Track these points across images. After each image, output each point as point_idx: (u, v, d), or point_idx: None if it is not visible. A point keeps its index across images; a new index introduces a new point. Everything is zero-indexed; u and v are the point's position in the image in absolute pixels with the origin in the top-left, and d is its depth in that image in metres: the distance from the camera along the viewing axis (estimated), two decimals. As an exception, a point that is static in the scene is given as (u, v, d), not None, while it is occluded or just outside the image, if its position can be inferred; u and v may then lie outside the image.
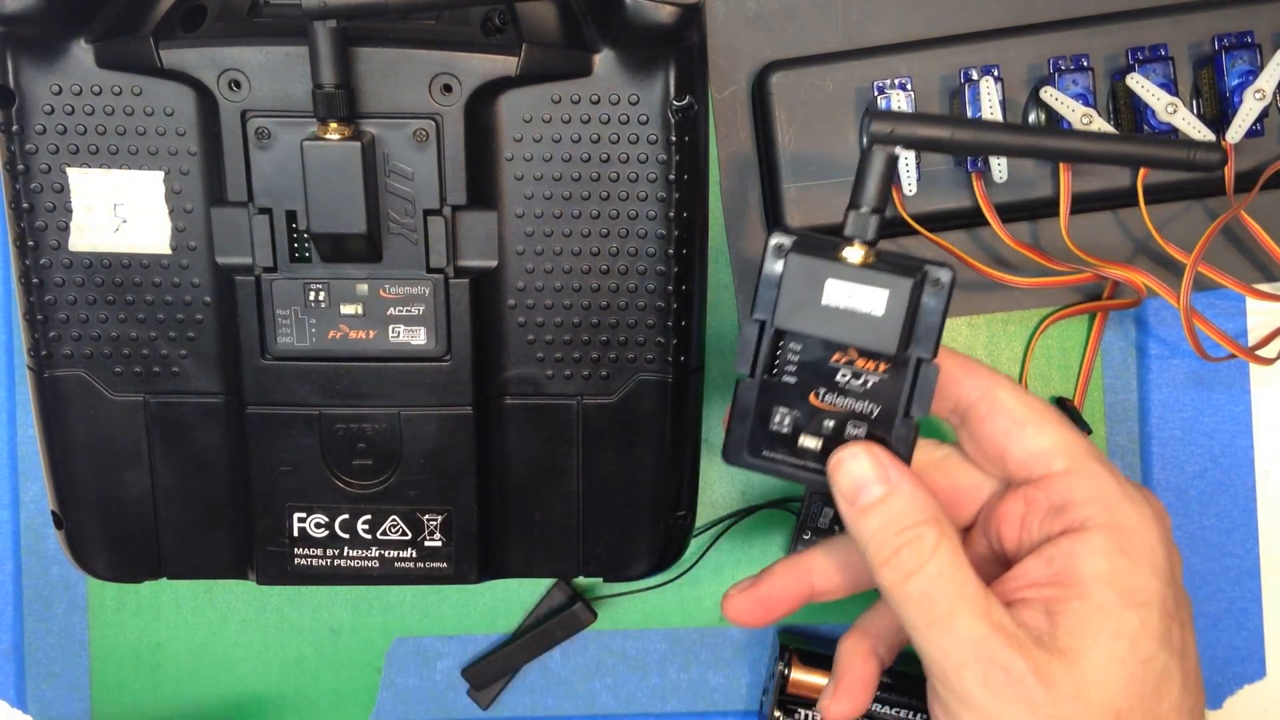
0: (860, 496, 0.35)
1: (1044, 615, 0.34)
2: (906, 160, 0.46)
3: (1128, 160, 0.36)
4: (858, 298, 0.34)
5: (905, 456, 0.36)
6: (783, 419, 0.36)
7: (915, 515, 0.35)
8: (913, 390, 0.35)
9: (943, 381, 0.37)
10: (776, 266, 0.35)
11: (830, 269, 0.34)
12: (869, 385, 0.36)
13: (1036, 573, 0.35)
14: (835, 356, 0.36)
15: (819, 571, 0.41)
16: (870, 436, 0.36)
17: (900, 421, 0.36)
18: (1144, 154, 0.35)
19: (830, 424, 0.36)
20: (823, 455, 0.36)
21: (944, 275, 0.34)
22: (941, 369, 0.35)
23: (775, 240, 0.35)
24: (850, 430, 0.36)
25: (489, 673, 0.51)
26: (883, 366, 0.35)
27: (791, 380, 0.36)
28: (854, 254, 0.34)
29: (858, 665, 0.40)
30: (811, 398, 0.36)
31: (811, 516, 0.50)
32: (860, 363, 0.35)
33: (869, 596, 0.40)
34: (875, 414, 0.36)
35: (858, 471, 0.35)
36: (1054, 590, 0.35)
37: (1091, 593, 0.34)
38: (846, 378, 0.36)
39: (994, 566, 0.38)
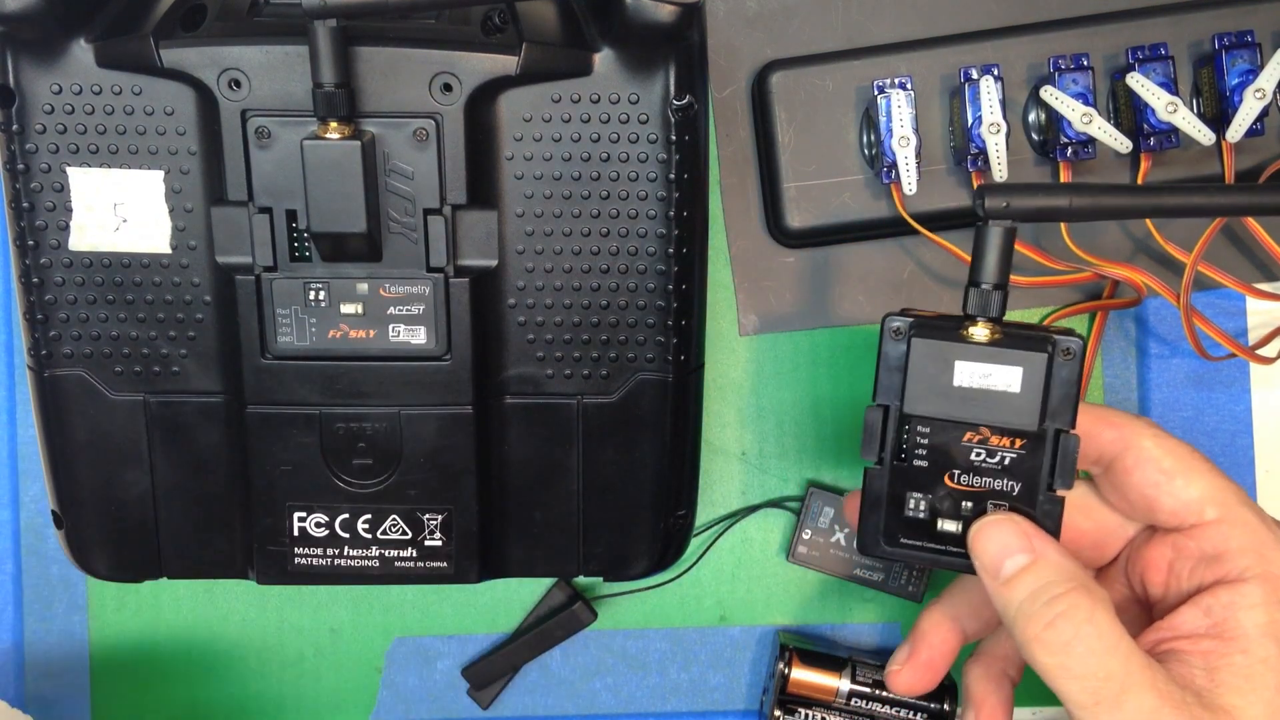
0: (1004, 567, 0.34)
1: (1203, 670, 0.33)
2: (906, 159, 0.46)
3: (1252, 211, 0.35)
4: (991, 376, 0.34)
5: (1053, 532, 0.35)
6: (918, 504, 0.36)
7: (1065, 583, 0.33)
8: (1054, 463, 0.34)
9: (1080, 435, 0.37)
10: (897, 350, 0.34)
11: (958, 350, 0.34)
12: (1006, 462, 0.35)
13: (1193, 623, 0.34)
14: (967, 436, 0.35)
15: (965, 617, 0.40)
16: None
17: (1044, 496, 0.35)
18: (1266, 203, 0.34)
19: (969, 505, 0.35)
20: (964, 538, 0.35)
21: (1074, 345, 0.34)
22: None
23: (893, 324, 0.35)
24: (990, 511, 0.35)
25: (489, 672, 0.51)
26: (1019, 442, 0.34)
27: (923, 464, 0.35)
28: (980, 332, 0.34)
29: (992, 692, 0.40)
30: (946, 480, 0.35)
31: (811, 516, 0.50)
32: (995, 440, 0.35)
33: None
34: (1016, 491, 0.35)
35: (1000, 540, 0.34)
36: (1212, 644, 0.34)
37: (1253, 646, 0.33)
38: (981, 456, 0.35)
39: (1135, 609, 0.38)
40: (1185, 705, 0.32)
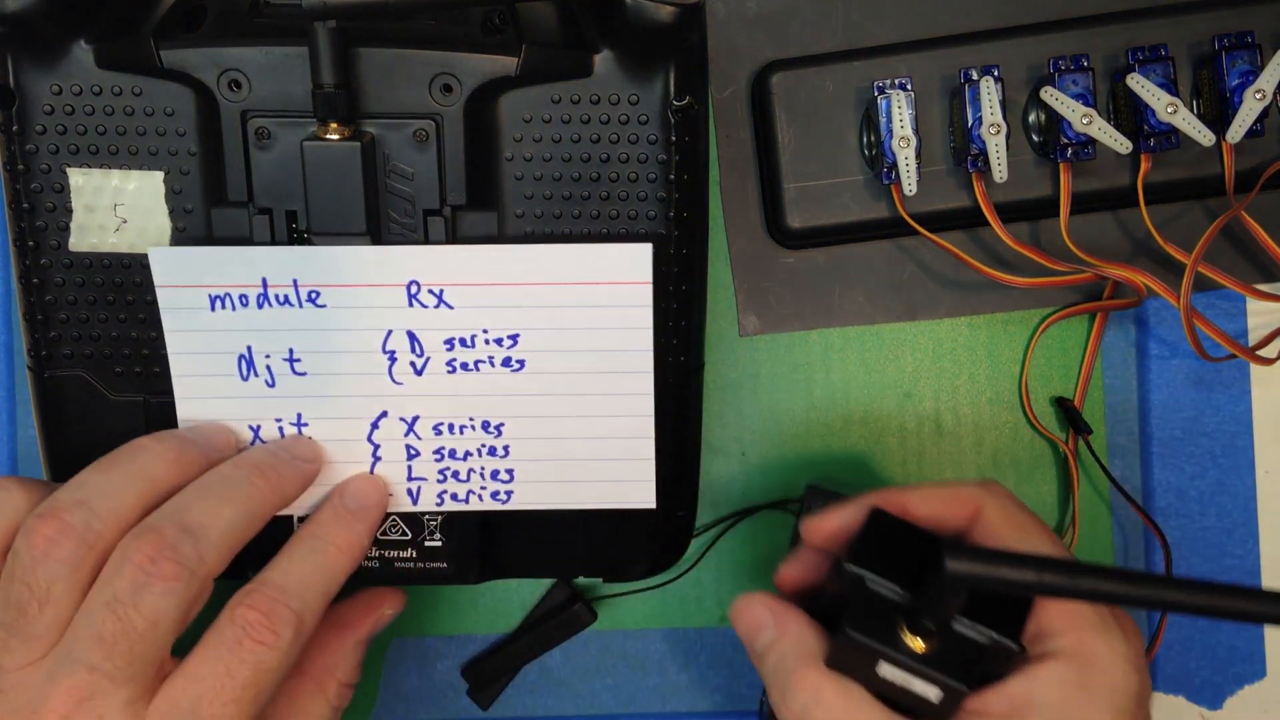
0: (756, 643, 0.38)
1: None
2: (906, 160, 0.46)
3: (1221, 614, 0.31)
4: (913, 684, 0.35)
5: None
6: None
7: (799, 659, 0.36)
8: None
9: (929, 509, 0.38)
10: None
11: (888, 654, 0.35)
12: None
13: (996, 706, 0.35)
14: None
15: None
16: None
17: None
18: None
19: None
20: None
21: (1016, 654, 0.35)
22: (926, 493, 0.37)
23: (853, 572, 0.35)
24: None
25: (489, 673, 0.51)
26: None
27: None
28: (915, 641, 0.35)
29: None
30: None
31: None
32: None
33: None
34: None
35: (751, 617, 0.38)
36: None
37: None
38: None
39: None
40: None
